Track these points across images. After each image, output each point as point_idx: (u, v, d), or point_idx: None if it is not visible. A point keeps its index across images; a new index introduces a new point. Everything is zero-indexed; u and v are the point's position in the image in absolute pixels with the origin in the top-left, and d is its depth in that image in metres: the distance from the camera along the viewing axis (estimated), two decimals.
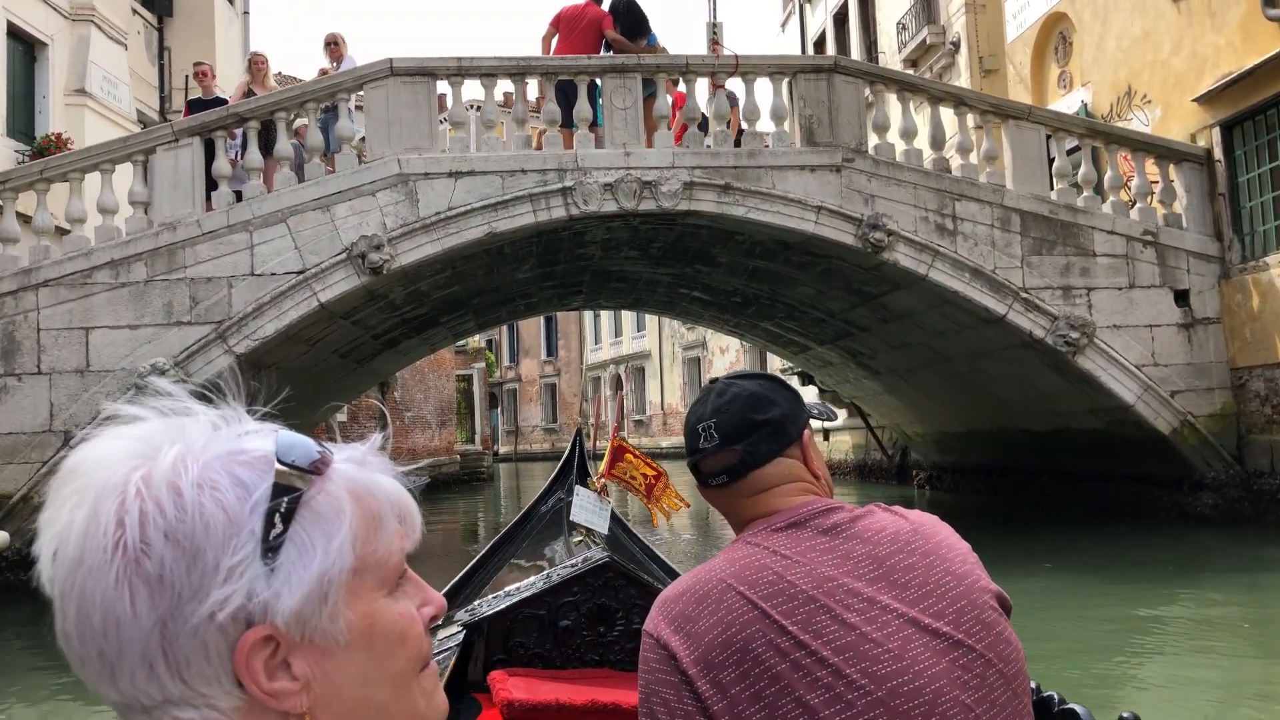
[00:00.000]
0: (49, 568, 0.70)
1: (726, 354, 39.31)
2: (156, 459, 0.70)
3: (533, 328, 54.22)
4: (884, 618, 1.35)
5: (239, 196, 10.77)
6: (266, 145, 11.08)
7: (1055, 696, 1.67)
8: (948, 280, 11.37)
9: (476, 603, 3.55)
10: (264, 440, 0.73)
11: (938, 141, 11.62)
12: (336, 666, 0.72)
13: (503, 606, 3.34)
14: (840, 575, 1.38)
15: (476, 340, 38.29)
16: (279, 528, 0.69)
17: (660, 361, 45.07)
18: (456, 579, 4.63)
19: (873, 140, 11.62)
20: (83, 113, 15.72)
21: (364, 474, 0.75)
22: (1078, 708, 1.64)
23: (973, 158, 11.81)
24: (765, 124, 11.80)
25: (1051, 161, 11.86)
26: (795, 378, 20.49)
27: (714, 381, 1.59)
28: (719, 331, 23.53)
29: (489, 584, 4.34)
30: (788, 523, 1.45)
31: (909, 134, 11.57)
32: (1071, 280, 11.56)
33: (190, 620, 0.67)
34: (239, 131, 11.08)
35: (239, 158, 11.13)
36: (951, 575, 1.41)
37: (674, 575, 4.65)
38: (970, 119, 11.82)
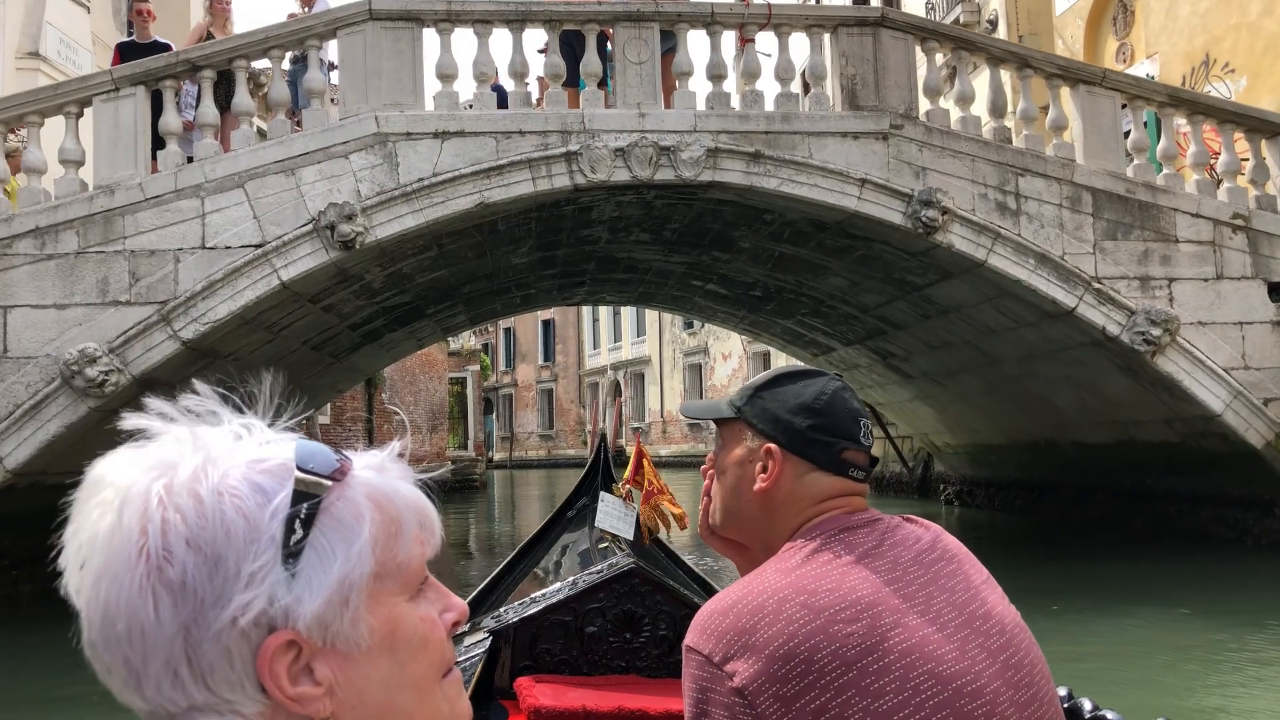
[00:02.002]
0: (75, 578, 0.70)
1: (729, 360, 37.95)
2: (177, 468, 0.70)
3: (530, 331, 52.81)
4: (941, 620, 1.31)
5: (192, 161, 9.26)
6: (225, 99, 9.59)
7: (1087, 703, 1.62)
8: (1009, 267, 9.85)
9: (502, 609, 3.54)
10: (284, 448, 0.73)
11: (998, 108, 10.12)
12: (359, 671, 0.71)
13: (529, 613, 3.34)
14: (895, 580, 1.34)
15: (471, 342, 36.85)
16: (299, 533, 0.69)
17: (660, 367, 43.63)
18: (483, 585, 4.63)
19: (924, 106, 10.12)
20: (35, 77, 14.17)
21: (383, 480, 0.75)
22: (1110, 714, 1.58)
23: (1038, 128, 10.29)
24: (800, 85, 10.29)
25: (1127, 134, 10.36)
26: None
27: (839, 378, 1.50)
28: (734, 330, 22.11)
29: (515, 590, 4.36)
30: (840, 529, 1.40)
31: (965, 99, 10.07)
32: (1150, 269, 10.05)
33: (213, 626, 0.68)
34: (193, 87, 9.59)
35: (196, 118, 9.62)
36: (986, 582, 1.41)
37: (700, 582, 4.63)
38: (1034, 84, 10.30)
